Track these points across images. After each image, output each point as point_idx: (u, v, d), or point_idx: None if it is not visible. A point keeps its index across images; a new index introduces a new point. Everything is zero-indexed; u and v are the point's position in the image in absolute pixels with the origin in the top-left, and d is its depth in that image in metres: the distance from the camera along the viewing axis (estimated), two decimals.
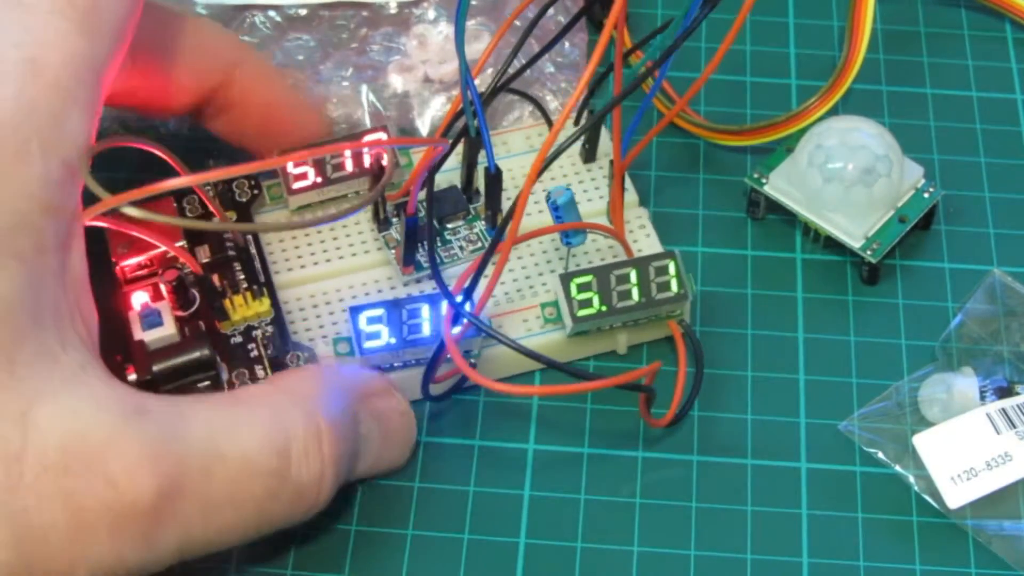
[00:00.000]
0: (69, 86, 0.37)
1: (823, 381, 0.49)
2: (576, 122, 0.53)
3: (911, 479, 0.46)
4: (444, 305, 0.45)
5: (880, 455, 0.47)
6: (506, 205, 0.50)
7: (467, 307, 0.44)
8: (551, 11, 0.56)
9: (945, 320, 0.50)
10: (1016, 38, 0.60)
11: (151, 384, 0.45)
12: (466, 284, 0.43)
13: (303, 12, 0.58)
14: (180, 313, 0.47)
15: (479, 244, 0.50)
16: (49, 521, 0.35)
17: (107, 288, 0.47)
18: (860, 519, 0.46)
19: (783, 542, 0.45)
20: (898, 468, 0.47)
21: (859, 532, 0.46)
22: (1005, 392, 0.47)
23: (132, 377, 0.45)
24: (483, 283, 0.44)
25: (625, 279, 0.47)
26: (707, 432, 0.48)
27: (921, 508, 0.46)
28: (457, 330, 0.44)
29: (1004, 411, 0.46)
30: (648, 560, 0.45)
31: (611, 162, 0.49)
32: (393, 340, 0.46)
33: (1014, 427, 0.46)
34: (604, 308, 0.47)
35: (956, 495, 0.45)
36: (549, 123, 0.53)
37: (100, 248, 0.47)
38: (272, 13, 0.58)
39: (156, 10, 0.45)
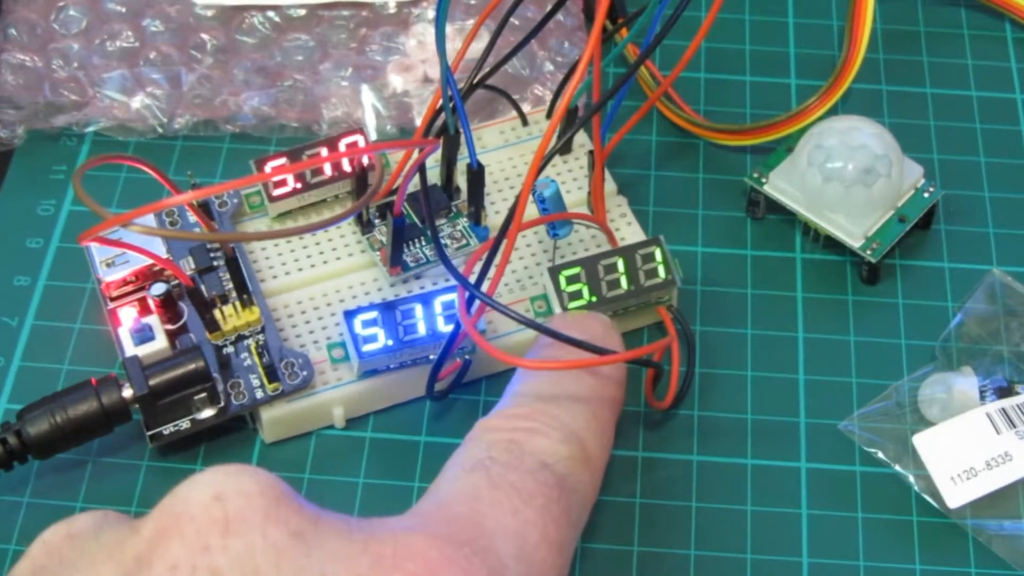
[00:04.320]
0: None
1: (823, 381, 0.49)
2: (547, 115, 0.54)
3: (911, 479, 0.46)
4: (453, 296, 0.45)
5: (880, 455, 0.47)
6: (484, 200, 0.50)
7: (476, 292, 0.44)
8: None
9: (945, 320, 0.50)
10: (1016, 38, 0.60)
11: (148, 398, 0.45)
12: (474, 272, 0.44)
13: (302, 12, 0.58)
14: (169, 327, 0.47)
15: (464, 241, 0.50)
16: None
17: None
18: (860, 519, 0.46)
19: (783, 542, 0.45)
20: (898, 468, 0.47)
21: (859, 532, 0.46)
22: (1005, 392, 0.47)
23: (128, 393, 0.45)
24: (485, 285, 0.44)
25: (613, 268, 0.47)
26: (707, 432, 0.48)
27: (921, 508, 0.46)
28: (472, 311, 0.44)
29: (1004, 411, 0.46)
30: (648, 560, 0.45)
31: (589, 153, 0.49)
32: (390, 342, 0.46)
33: (1014, 427, 0.46)
34: (594, 298, 0.47)
35: (956, 495, 0.45)
36: (523, 120, 0.54)
37: None
38: (271, 13, 0.58)
39: None
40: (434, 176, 0.51)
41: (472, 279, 0.43)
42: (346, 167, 0.50)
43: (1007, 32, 0.60)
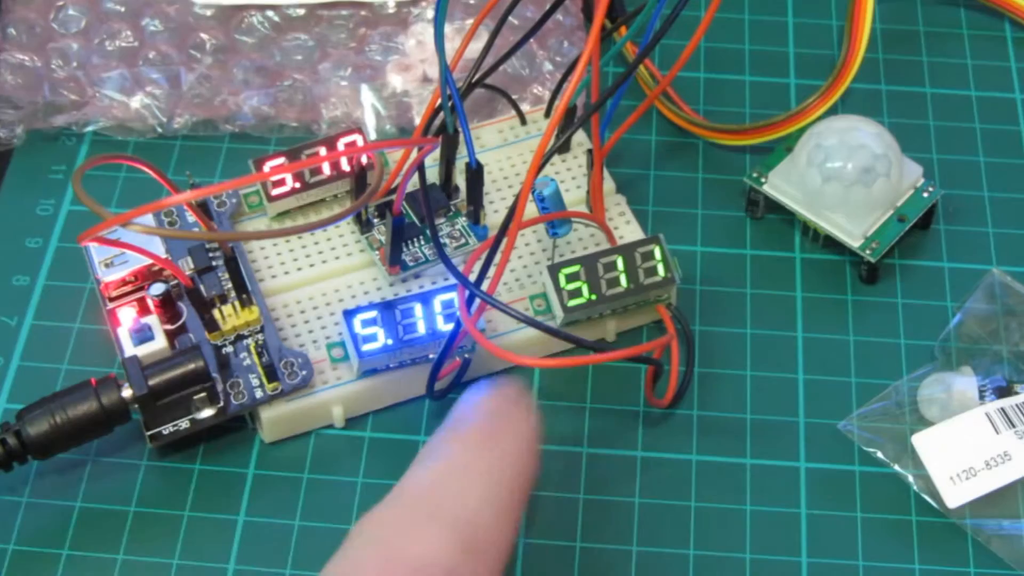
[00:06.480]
0: None
1: (822, 380, 0.49)
2: (546, 114, 0.54)
3: (910, 478, 0.46)
4: (455, 294, 0.45)
5: (879, 454, 0.47)
6: (483, 199, 0.50)
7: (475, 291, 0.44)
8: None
9: (944, 319, 0.50)
10: (1015, 37, 0.60)
11: (148, 398, 0.45)
12: (474, 271, 0.44)
13: (301, 12, 0.58)
14: (169, 327, 0.47)
15: (462, 240, 0.50)
16: None
17: None
18: (859, 518, 0.46)
19: (782, 541, 0.45)
20: (897, 468, 0.47)
21: (858, 532, 0.46)
22: (1004, 391, 0.47)
23: (127, 393, 0.45)
24: (485, 284, 0.44)
25: (612, 267, 0.47)
26: (706, 431, 0.48)
27: (920, 508, 0.46)
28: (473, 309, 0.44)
29: (1003, 410, 0.46)
30: (647, 559, 0.45)
31: (588, 151, 0.49)
32: (390, 341, 0.46)
33: (1013, 426, 0.46)
34: (594, 297, 0.47)
35: (955, 494, 0.45)
36: (522, 119, 0.54)
37: None
38: (270, 13, 0.58)
39: None
40: (433, 175, 0.51)
41: (472, 278, 0.43)
42: (345, 166, 0.50)
43: (1007, 32, 0.60)
